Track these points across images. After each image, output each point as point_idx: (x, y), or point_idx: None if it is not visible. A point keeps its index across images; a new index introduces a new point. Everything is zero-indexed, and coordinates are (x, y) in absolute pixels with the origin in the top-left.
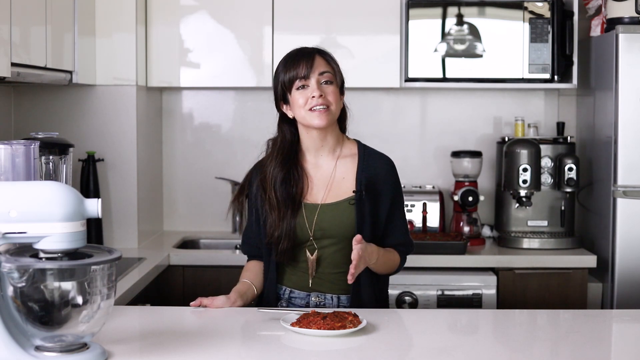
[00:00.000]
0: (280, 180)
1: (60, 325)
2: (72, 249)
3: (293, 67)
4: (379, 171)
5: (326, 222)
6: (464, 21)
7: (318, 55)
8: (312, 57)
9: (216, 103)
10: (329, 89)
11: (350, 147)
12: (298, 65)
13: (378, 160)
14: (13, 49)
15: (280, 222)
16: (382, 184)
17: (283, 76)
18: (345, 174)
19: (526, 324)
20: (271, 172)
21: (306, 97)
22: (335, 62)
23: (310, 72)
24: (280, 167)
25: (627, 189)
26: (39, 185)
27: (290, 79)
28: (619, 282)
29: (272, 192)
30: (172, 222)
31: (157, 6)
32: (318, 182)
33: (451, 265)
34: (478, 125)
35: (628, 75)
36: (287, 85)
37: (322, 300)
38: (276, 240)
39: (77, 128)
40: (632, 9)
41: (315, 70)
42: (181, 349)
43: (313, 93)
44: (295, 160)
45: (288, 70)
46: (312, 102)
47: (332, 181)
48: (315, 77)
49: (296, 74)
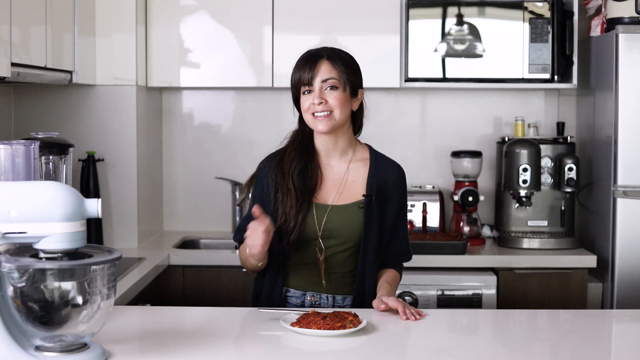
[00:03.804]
0: (297, 171)
1: (60, 325)
2: (72, 249)
3: (299, 71)
4: (390, 177)
5: (334, 223)
6: (464, 21)
7: (325, 60)
8: (316, 62)
9: (216, 103)
10: (332, 95)
11: (362, 152)
12: (303, 69)
13: (390, 166)
14: (13, 49)
15: (297, 213)
16: (392, 190)
17: (292, 78)
18: (356, 178)
19: (526, 324)
20: (290, 162)
21: (310, 102)
22: (345, 65)
23: (313, 78)
24: (299, 159)
25: (627, 189)
26: (39, 185)
27: (296, 82)
28: (619, 282)
29: (290, 181)
30: (172, 222)
31: (157, 6)
32: (329, 182)
33: (451, 265)
34: (478, 125)
35: (628, 75)
36: (296, 87)
37: (317, 300)
38: (290, 229)
39: (77, 128)
40: (632, 9)
41: (318, 76)
42: (181, 349)
43: (315, 99)
44: (312, 155)
45: (295, 73)
46: (313, 108)
47: (344, 184)
48: (318, 84)
49: (300, 78)
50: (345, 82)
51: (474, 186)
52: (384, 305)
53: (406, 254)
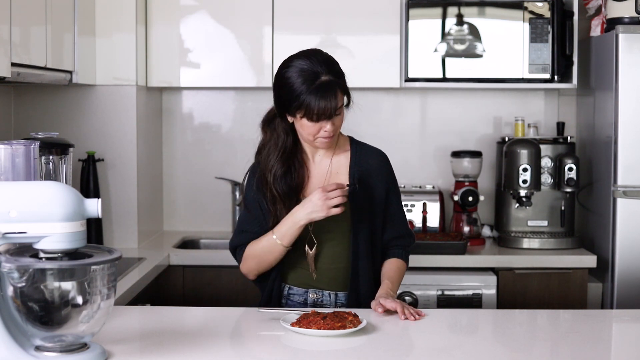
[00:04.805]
0: (280, 174)
1: (60, 325)
2: (72, 249)
3: (316, 100)
4: (372, 164)
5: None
6: (464, 21)
7: (339, 89)
8: (335, 93)
9: (216, 103)
10: (338, 119)
11: (344, 143)
12: (323, 100)
13: (370, 154)
14: (13, 49)
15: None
16: (376, 177)
17: (308, 105)
18: (339, 169)
19: (526, 324)
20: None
21: (318, 129)
22: (345, 82)
23: (334, 111)
24: (281, 163)
25: (627, 189)
26: (39, 185)
27: (316, 112)
28: (619, 282)
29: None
30: (172, 222)
31: (157, 6)
32: (315, 178)
33: (451, 265)
34: (478, 125)
35: (628, 75)
36: (306, 113)
37: (320, 297)
38: None
39: (77, 128)
40: (632, 9)
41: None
42: (181, 349)
43: (326, 128)
44: (295, 152)
45: (310, 100)
46: (322, 134)
47: (329, 177)
48: (333, 115)
49: (323, 110)
50: (344, 101)
51: (474, 186)
52: (381, 309)
53: (406, 236)
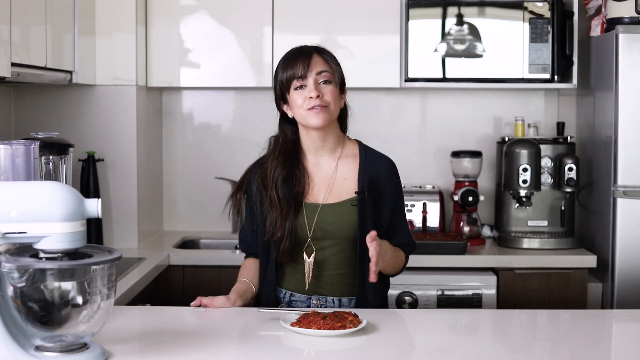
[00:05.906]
0: (281, 179)
1: (60, 325)
2: (72, 249)
3: (290, 67)
4: (381, 172)
5: (327, 222)
6: (464, 21)
7: (316, 54)
8: (309, 56)
9: (216, 103)
10: (327, 89)
11: (352, 148)
12: (295, 64)
13: (380, 161)
14: (13, 49)
15: (283, 222)
16: (384, 185)
17: (281, 76)
18: (346, 175)
19: (526, 324)
20: (272, 171)
21: (304, 97)
22: (334, 61)
23: (308, 71)
24: (282, 167)
25: (627, 189)
26: (39, 185)
27: (287, 78)
28: (619, 282)
29: (274, 191)
30: (172, 222)
31: (157, 6)
32: (319, 182)
33: (451, 265)
34: (478, 125)
35: (628, 75)
36: (285, 85)
37: (323, 303)
38: (278, 239)
39: (77, 128)
40: (632, 9)
41: (313, 70)
42: (181, 349)
43: (311, 93)
44: (297, 160)
45: (286, 69)
46: (310, 102)
47: (334, 181)
48: (312, 77)
49: (293, 74)
50: (337, 77)
51: (474, 186)
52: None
53: (409, 245)
